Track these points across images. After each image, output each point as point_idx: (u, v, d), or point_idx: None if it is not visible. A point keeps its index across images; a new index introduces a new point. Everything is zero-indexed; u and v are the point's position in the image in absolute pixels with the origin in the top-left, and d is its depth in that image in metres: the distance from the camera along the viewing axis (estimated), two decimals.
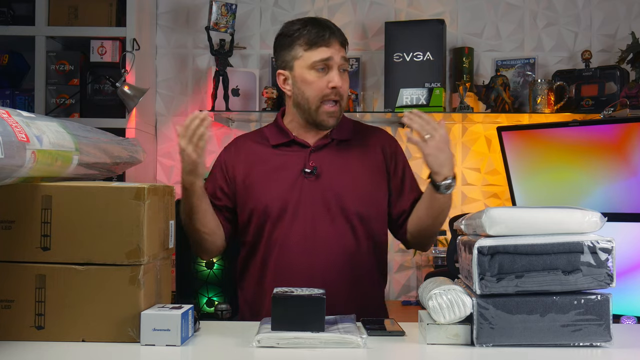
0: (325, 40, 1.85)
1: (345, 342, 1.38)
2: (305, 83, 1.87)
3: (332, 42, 1.86)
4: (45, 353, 1.36)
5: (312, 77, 1.86)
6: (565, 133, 2.65)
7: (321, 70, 1.86)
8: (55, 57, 2.87)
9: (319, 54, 1.85)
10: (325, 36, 1.85)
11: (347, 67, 1.91)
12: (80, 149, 1.54)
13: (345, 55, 1.91)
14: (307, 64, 1.86)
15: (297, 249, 1.85)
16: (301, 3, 3.19)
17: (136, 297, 1.40)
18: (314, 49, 1.85)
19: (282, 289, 1.47)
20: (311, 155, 1.90)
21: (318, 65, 1.85)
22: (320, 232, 1.85)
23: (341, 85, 1.86)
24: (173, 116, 3.20)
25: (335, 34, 1.88)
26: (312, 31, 1.86)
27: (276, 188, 1.87)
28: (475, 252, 1.39)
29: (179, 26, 3.20)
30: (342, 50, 1.89)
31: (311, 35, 1.85)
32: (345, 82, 1.90)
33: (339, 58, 1.87)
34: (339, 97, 1.87)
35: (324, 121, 1.88)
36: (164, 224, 1.55)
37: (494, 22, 3.19)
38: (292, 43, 1.88)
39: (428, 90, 2.94)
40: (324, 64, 1.85)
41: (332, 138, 1.93)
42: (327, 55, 1.85)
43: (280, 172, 1.89)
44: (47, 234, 1.41)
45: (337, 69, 1.86)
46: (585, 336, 1.38)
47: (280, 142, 1.93)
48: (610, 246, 1.39)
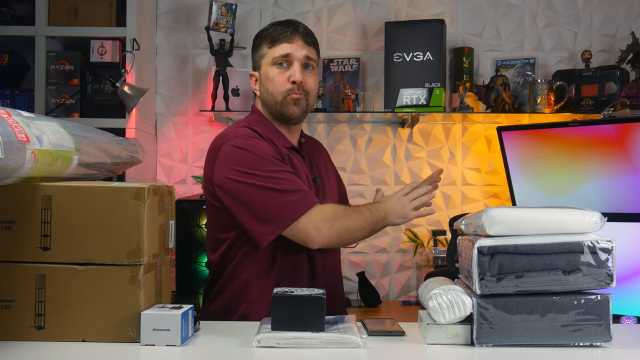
0: (286, 36, 1.88)
1: (345, 342, 1.38)
2: (268, 79, 1.91)
3: (294, 39, 1.89)
4: (45, 353, 1.36)
5: (274, 73, 1.89)
6: (565, 133, 2.65)
7: (281, 66, 1.89)
8: (55, 57, 2.87)
9: (280, 50, 1.89)
10: (287, 33, 1.89)
11: (313, 65, 1.92)
12: (80, 149, 1.54)
13: (312, 55, 1.92)
14: (270, 60, 1.90)
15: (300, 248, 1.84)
16: (301, 3, 3.19)
17: (136, 297, 1.40)
18: (276, 46, 1.89)
19: (282, 289, 1.47)
20: (305, 161, 1.96)
21: (278, 61, 1.89)
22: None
23: (302, 80, 1.88)
24: (173, 116, 3.20)
25: (299, 31, 1.90)
26: (277, 29, 1.91)
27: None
28: (475, 252, 1.39)
29: (179, 26, 3.20)
30: (308, 48, 1.91)
31: (275, 33, 1.90)
32: (310, 79, 1.91)
33: (301, 54, 1.89)
34: (303, 92, 1.89)
35: (289, 110, 1.89)
36: (164, 224, 1.55)
37: (494, 22, 3.19)
38: (260, 43, 1.94)
39: (428, 90, 2.94)
40: (284, 59, 1.88)
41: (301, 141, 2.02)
42: (287, 50, 1.88)
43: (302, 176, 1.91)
44: (47, 234, 1.41)
45: (300, 65, 1.88)
46: (585, 336, 1.38)
47: (288, 145, 1.93)
48: (610, 246, 1.39)
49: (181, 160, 3.19)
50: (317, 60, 1.95)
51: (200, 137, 3.19)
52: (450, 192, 3.16)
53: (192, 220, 2.63)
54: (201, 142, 3.18)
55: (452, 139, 3.17)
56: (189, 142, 3.19)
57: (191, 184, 3.15)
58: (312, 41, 1.93)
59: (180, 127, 3.19)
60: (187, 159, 3.19)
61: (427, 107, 2.92)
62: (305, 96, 1.90)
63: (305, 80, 1.89)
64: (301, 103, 1.90)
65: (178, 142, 3.19)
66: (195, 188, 3.11)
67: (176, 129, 3.19)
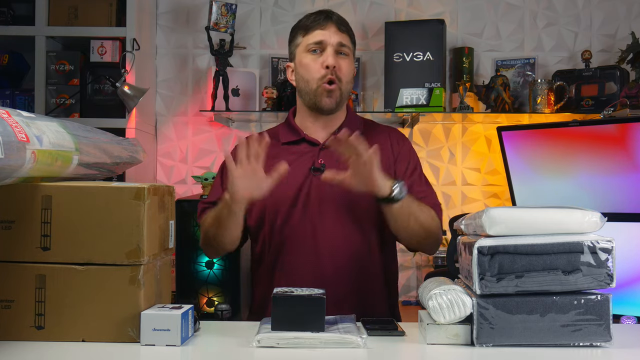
0: (319, 23, 1.89)
1: (345, 342, 1.38)
2: (302, 66, 1.91)
3: (327, 26, 1.89)
4: (45, 353, 1.36)
5: (307, 59, 1.90)
6: (565, 133, 2.65)
7: (315, 53, 1.89)
8: (55, 57, 2.87)
9: (313, 37, 1.89)
10: (320, 20, 1.89)
11: (346, 51, 1.91)
12: (80, 149, 1.54)
13: (345, 41, 1.90)
14: (304, 48, 1.91)
15: (304, 248, 1.84)
16: (301, 3, 3.19)
17: (136, 297, 1.40)
18: (310, 33, 1.90)
19: (282, 289, 1.47)
20: (320, 153, 1.90)
21: (312, 47, 1.89)
22: (327, 230, 1.85)
23: (336, 65, 1.87)
24: (173, 116, 3.20)
25: (332, 19, 1.90)
26: (310, 18, 1.92)
27: (285, 185, 1.84)
28: (475, 252, 1.39)
29: (179, 26, 3.20)
30: (341, 34, 1.90)
31: (308, 22, 1.91)
32: (344, 64, 1.89)
33: (334, 40, 1.88)
34: (337, 78, 1.87)
35: (322, 101, 1.88)
36: (164, 224, 1.55)
37: (494, 22, 3.19)
38: (295, 34, 1.95)
39: (428, 90, 2.94)
40: (318, 46, 1.88)
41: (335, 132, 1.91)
42: (320, 37, 1.88)
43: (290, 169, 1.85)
44: (47, 234, 1.41)
45: (333, 50, 1.88)
46: (585, 336, 1.38)
47: (291, 140, 1.94)
48: (610, 246, 1.39)
49: (181, 160, 3.19)
50: (351, 48, 1.94)
51: (200, 137, 3.19)
52: (450, 192, 3.16)
53: (192, 220, 2.62)
54: (201, 142, 3.18)
55: (452, 139, 3.17)
56: (189, 142, 3.19)
57: (191, 184, 3.15)
58: (346, 29, 1.92)
59: (180, 127, 3.19)
60: (187, 159, 3.19)
61: (427, 107, 2.92)
62: (338, 84, 1.88)
63: (338, 66, 1.87)
64: (334, 94, 1.88)
65: (178, 142, 3.19)
66: (195, 188, 3.11)
67: (176, 129, 3.19)
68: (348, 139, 1.63)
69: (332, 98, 1.88)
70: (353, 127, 1.90)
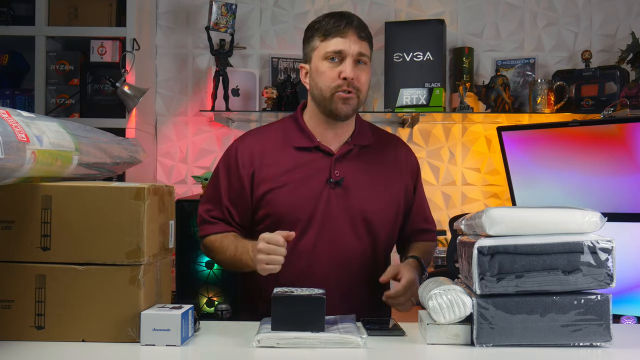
0: (340, 30, 1.80)
1: (345, 342, 1.38)
2: (318, 73, 1.83)
3: (348, 33, 1.80)
4: (45, 353, 1.36)
5: (324, 67, 1.82)
6: (565, 133, 2.65)
7: (333, 61, 1.81)
8: (55, 57, 2.87)
9: (333, 45, 1.81)
10: (341, 27, 1.81)
11: (365, 60, 1.83)
12: (80, 149, 1.54)
13: (364, 50, 1.83)
14: (321, 55, 1.82)
15: (320, 261, 1.81)
16: (301, 3, 3.19)
17: (136, 297, 1.40)
18: (329, 40, 1.81)
19: (282, 289, 1.47)
20: (336, 165, 1.85)
21: (330, 56, 1.81)
22: (343, 245, 1.83)
23: (354, 76, 1.80)
24: (173, 116, 3.20)
25: (353, 25, 1.82)
26: (329, 22, 1.83)
27: (304, 196, 1.82)
28: (475, 252, 1.39)
29: (179, 26, 3.20)
30: (361, 43, 1.82)
31: (328, 26, 1.82)
32: (363, 74, 1.83)
33: (354, 50, 1.80)
34: (353, 88, 1.81)
35: (337, 109, 1.82)
36: (164, 224, 1.55)
37: (494, 22, 3.19)
38: (312, 35, 1.86)
39: (428, 90, 2.94)
40: (337, 55, 1.81)
41: (353, 144, 1.89)
42: (340, 46, 1.80)
43: (307, 179, 1.84)
44: (47, 234, 1.41)
45: (352, 61, 1.80)
46: (585, 336, 1.38)
47: (304, 145, 1.87)
48: (610, 246, 1.39)
49: (181, 160, 3.19)
50: (370, 55, 1.87)
51: (200, 137, 3.19)
52: (450, 192, 3.16)
53: (192, 220, 2.62)
54: (201, 142, 3.18)
55: (452, 139, 3.17)
56: (189, 142, 3.19)
57: (191, 184, 3.15)
58: (365, 35, 1.84)
59: (180, 127, 3.19)
60: (187, 159, 3.19)
61: (427, 107, 2.92)
62: (356, 93, 1.83)
63: (357, 77, 1.81)
64: (351, 102, 1.82)
65: (178, 142, 3.19)
66: (195, 188, 3.11)
67: (176, 129, 3.19)
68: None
69: (349, 105, 1.82)
70: (363, 133, 1.93)
